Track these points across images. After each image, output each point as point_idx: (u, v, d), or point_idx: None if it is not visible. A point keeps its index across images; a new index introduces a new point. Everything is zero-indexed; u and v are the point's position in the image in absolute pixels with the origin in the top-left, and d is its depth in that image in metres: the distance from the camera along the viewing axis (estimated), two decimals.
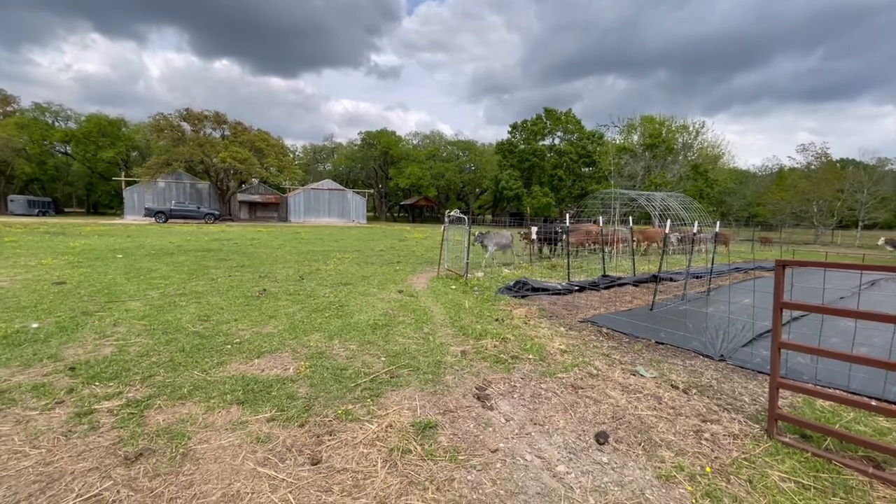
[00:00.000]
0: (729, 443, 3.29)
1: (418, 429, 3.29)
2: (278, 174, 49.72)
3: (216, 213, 39.74)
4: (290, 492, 2.55)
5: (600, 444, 3.20)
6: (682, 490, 2.71)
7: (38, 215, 46.01)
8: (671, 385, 4.35)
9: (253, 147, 44.39)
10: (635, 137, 53.52)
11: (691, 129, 51.25)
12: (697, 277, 12.10)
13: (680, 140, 51.54)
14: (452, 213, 10.78)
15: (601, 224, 11.44)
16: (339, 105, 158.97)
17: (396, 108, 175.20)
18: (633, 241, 16.09)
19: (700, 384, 4.41)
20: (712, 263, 9.89)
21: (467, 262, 9.75)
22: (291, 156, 65.34)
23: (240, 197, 51.77)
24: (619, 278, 10.63)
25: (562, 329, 6.30)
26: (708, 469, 2.92)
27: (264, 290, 8.21)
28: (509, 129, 60.26)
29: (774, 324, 3.38)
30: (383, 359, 4.71)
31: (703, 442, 3.29)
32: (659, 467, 2.93)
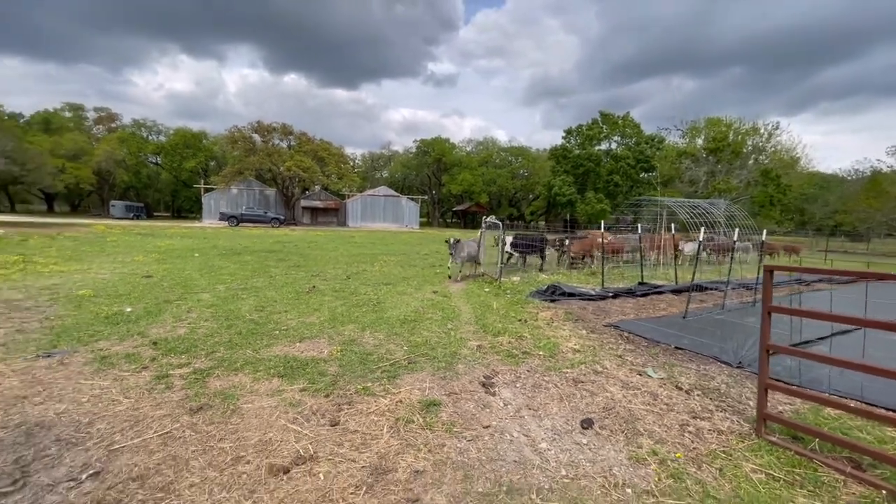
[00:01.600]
0: (713, 437, 3.48)
1: (424, 405, 3.79)
2: (338, 181, 52.59)
3: (281, 217, 42.79)
4: (310, 443, 3.15)
5: (584, 428, 3.52)
6: (648, 470, 2.99)
7: (132, 218, 51.84)
8: (675, 386, 4.52)
9: (316, 156, 47.35)
10: (699, 141, 50.84)
11: (763, 131, 47.89)
12: (749, 288, 11.59)
13: (749, 143, 48.30)
14: (489, 219, 11.21)
15: (639, 231, 11.33)
16: (397, 114, 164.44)
17: (452, 114, 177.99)
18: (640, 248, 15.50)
19: (706, 387, 4.54)
20: (759, 274, 9.51)
21: (500, 266, 10.14)
22: (351, 164, 68.76)
23: (303, 203, 55.18)
24: (658, 286, 10.50)
25: (583, 331, 6.53)
26: (678, 455, 3.16)
27: (314, 286, 9.12)
28: (564, 135, 59.38)
29: (763, 328, 3.52)
30: (405, 348, 5.27)
31: (686, 435, 3.50)
32: (634, 451, 3.22)
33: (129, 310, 6.75)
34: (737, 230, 8.72)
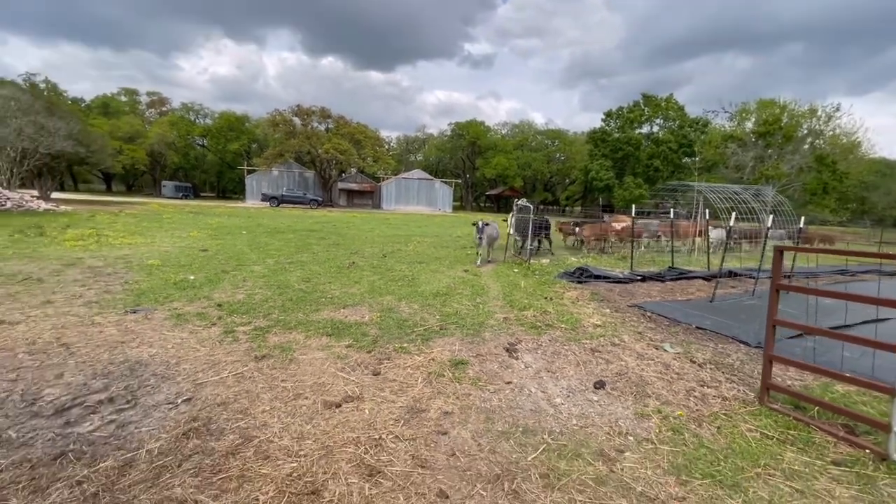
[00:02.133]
0: (717, 402, 3.80)
1: (453, 363, 4.29)
2: (374, 164, 53.55)
3: (319, 199, 44.23)
4: (357, 387, 3.70)
5: (596, 388, 3.92)
6: (651, 424, 3.37)
7: (181, 198, 54.83)
8: (690, 360, 4.81)
9: (352, 139, 48.33)
10: (749, 124, 48.22)
11: (821, 113, 44.87)
12: (786, 276, 11.38)
13: (805, 126, 45.41)
14: (520, 202, 11.48)
15: (671, 217, 11.29)
16: (432, 96, 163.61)
17: (488, 96, 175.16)
18: (658, 235, 15.18)
19: (720, 362, 4.80)
20: (794, 262, 9.39)
21: (530, 248, 10.45)
22: (386, 147, 69.56)
23: (340, 185, 56.59)
24: (689, 272, 10.53)
25: (606, 310, 6.83)
26: (681, 413, 3.52)
27: (353, 262, 9.78)
28: (603, 118, 57.71)
29: (770, 304, 3.77)
30: (437, 317, 5.78)
31: (692, 399, 3.84)
32: (640, 409, 3.60)
33: (192, 277, 7.59)
34: (770, 217, 8.62)
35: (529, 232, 10.75)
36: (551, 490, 2.54)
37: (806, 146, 41.55)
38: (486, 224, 10.58)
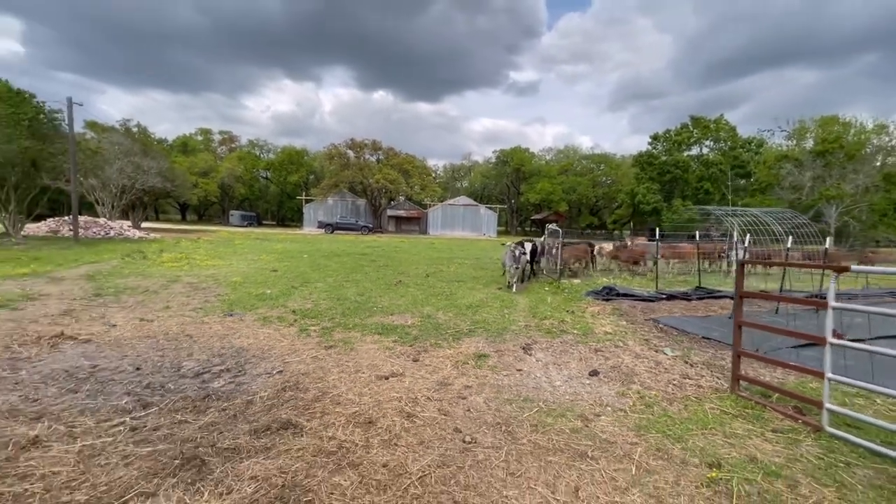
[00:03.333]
0: (692, 389, 4.59)
1: (476, 356, 5.35)
2: (421, 192, 56.11)
3: (370, 225, 46.90)
4: (400, 368, 4.86)
5: (590, 376, 4.83)
6: (628, 400, 4.25)
7: (246, 226, 59.87)
8: (684, 361, 5.56)
9: (401, 169, 51.14)
10: (810, 143, 46.12)
11: (893, 129, 42.30)
12: (822, 297, 11.41)
13: (875, 142, 42.85)
14: (551, 226, 12.41)
15: (697, 239, 11.74)
16: (478, 124, 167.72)
17: (534, 122, 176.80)
18: (659, 256, 15.18)
19: (712, 364, 5.51)
20: (821, 283, 9.61)
21: (560, 268, 11.31)
22: (433, 175, 72.40)
23: (388, 212, 59.47)
24: (717, 291, 10.91)
25: (622, 322, 7.61)
26: (655, 394, 4.36)
27: (400, 281, 11.10)
28: (649, 140, 57.22)
29: (736, 308, 4.57)
30: (468, 323, 6.87)
31: (671, 386, 4.65)
32: (623, 391, 4.48)
33: (268, 291, 9.18)
34: (790, 238, 8.99)
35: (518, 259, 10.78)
36: (536, 433, 3.53)
37: (877, 164, 39.13)
38: (519, 244, 11.36)
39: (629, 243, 17.82)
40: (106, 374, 4.45)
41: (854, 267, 3.71)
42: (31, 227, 24.71)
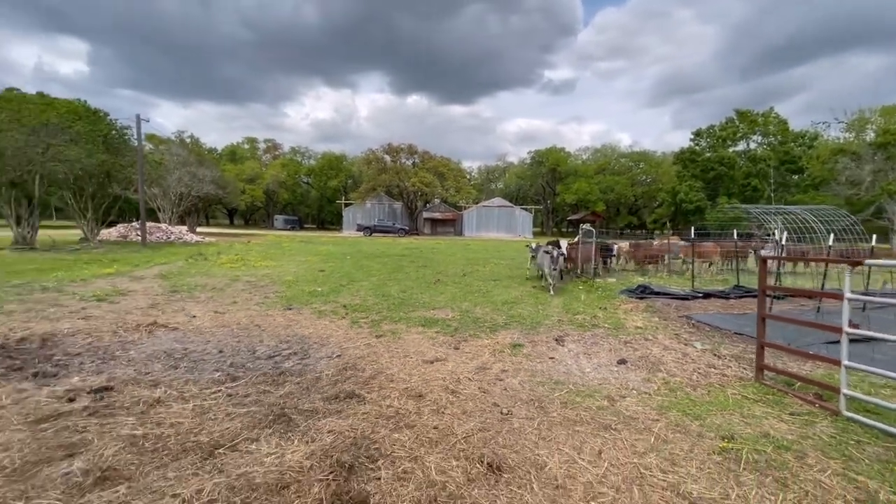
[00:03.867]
0: (716, 378, 4.89)
1: (512, 345, 5.84)
2: (456, 194, 56.77)
3: (406, 228, 48.01)
4: (443, 354, 5.43)
5: (619, 364, 5.21)
6: (654, 385, 4.62)
7: (289, 229, 62.60)
8: (713, 354, 5.82)
9: (436, 172, 52.02)
10: (870, 135, 43.26)
11: None
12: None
13: None
14: (585, 226, 12.65)
15: (735, 238, 11.63)
16: (512, 125, 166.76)
17: (570, 121, 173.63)
18: (680, 255, 14.91)
19: (741, 357, 5.74)
20: (867, 283, 9.40)
21: (594, 267, 11.55)
22: (467, 177, 73.06)
23: (424, 214, 60.50)
24: (755, 290, 10.81)
25: (655, 318, 7.85)
26: (680, 380, 4.70)
27: (438, 279, 11.71)
28: (692, 137, 55.39)
29: (759, 303, 4.84)
30: (504, 317, 7.36)
31: (696, 374, 4.96)
32: (648, 377, 4.84)
33: (319, 289, 10.02)
34: (831, 236, 8.85)
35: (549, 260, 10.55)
36: (566, 408, 3.99)
37: None
38: (539, 247, 11.82)
39: (655, 242, 17.62)
40: (196, 354, 5.27)
41: (868, 261, 3.94)
42: (104, 233, 27.20)
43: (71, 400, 3.79)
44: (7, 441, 3.05)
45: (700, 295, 10.32)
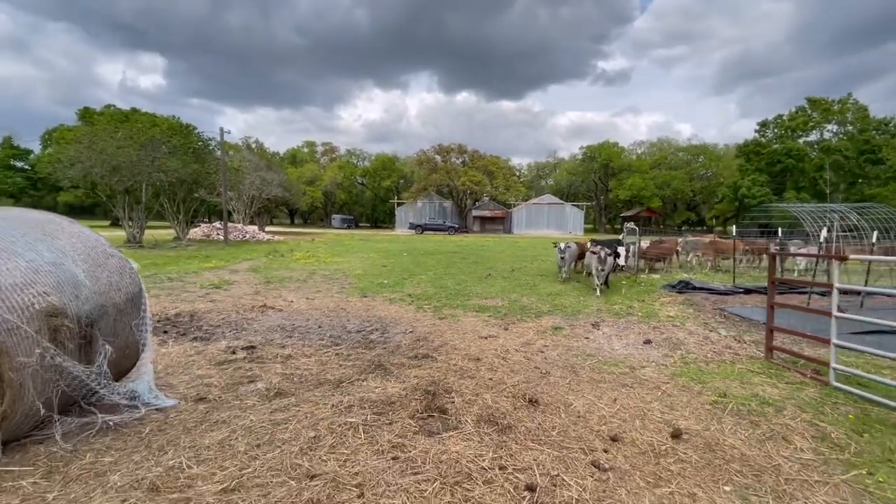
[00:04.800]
0: (730, 356, 5.72)
1: (553, 328, 6.93)
2: (505, 192, 57.50)
3: (456, 226, 49.44)
4: (494, 333, 6.63)
5: (644, 343, 6.16)
6: (671, 360, 5.55)
7: (346, 228, 66.03)
8: (735, 339, 6.58)
9: (486, 170, 53.05)
10: None
11: None
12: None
13: None
14: (629, 224, 13.29)
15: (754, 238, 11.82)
16: (564, 118, 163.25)
17: (626, 112, 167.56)
18: (700, 253, 14.61)
19: (760, 342, 6.45)
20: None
21: (637, 263, 12.22)
22: (517, 175, 73.34)
23: (473, 212, 61.69)
24: (801, 286, 11.04)
25: (689, 310, 8.58)
26: (695, 357, 5.60)
27: (489, 274, 12.90)
28: (757, 128, 52.55)
29: (770, 291, 5.61)
30: (548, 306, 8.43)
31: (712, 353, 5.82)
32: (668, 354, 5.77)
33: (386, 281, 11.53)
34: (875, 234, 9.04)
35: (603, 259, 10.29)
36: (593, 372, 5.06)
37: None
38: (568, 246, 12.02)
39: (689, 238, 17.49)
40: (302, 328, 6.82)
41: (853, 256, 4.68)
42: (191, 233, 30.79)
43: (233, 352, 5.39)
44: (206, 374, 4.63)
45: (741, 290, 10.74)
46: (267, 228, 43.73)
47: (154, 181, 21.09)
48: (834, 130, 46.70)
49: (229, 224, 33.29)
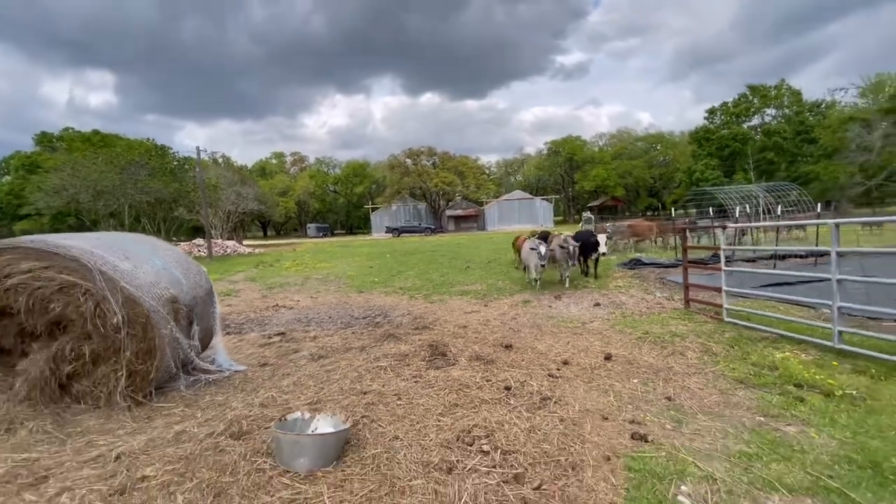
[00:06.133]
0: (658, 309, 7.41)
1: (524, 302, 8.50)
2: (477, 190, 59.37)
3: (432, 226, 50.88)
4: (477, 309, 8.13)
5: (594, 306, 7.79)
6: (614, 315, 7.18)
7: (322, 236, 66.36)
8: (667, 298, 8.30)
9: (456, 171, 54.71)
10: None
11: None
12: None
13: None
14: (586, 213, 15.05)
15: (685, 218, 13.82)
16: (528, 114, 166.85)
17: (587, 105, 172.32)
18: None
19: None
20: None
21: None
22: (486, 173, 75.37)
23: (448, 212, 63.27)
24: (731, 257, 13.02)
25: (636, 281, 10.31)
26: (632, 311, 7.26)
27: (468, 266, 14.44)
28: (705, 115, 56.18)
29: (683, 257, 7.32)
30: (520, 287, 10.02)
31: (645, 308, 7.50)
32: (612, 312, 7.40)
33: (376, 279, 12.89)
34: (779, 207, 11.03)
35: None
36: (554, 327, 6.62)
37: None
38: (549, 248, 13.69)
39: (616, 223, 19.50)
40: (316, 319, 8.15)
41: (730, 225, 6.39)
42: None
43: (269, 337, 6.70)
44: (257, 351, 5.96)
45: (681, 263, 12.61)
46: (245, 242, 44.08)
47: (138, 202, 21.69)
48: (773, 114, 50.57)
49: (211, 240, 33.75)
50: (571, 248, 9.93)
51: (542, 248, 9.25)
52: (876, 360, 4.42)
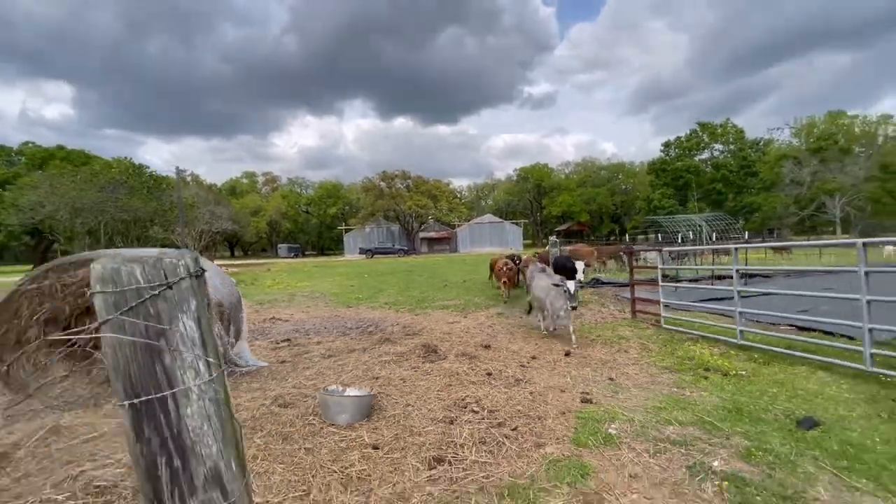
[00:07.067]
0: (611, 319, 8.79)
1: (498, 314, 9.72)
2: (449, 213, 61.09)
3: (405, 248, 51.90)
4: (456, 321, 9.29)
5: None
6: (574, 325, 8.50)
7: (293, 257, 65.99)
8: (618, 311, 9.71)
9: (430, 194, 56.32)
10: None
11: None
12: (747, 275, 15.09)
13: (881, 134, 44.83)
14: (552, 237, 16.61)
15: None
16: (498, 140, 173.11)
17: (554, 133, 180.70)
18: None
19: (636, 311, 9.63)
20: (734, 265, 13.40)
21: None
22: (458, 197, 77.51)
23: (421, 234, 64.53)
24: (678, 277, 14.80)
25: (595, 297, 11.75)
26: (589, 321, 8.60)
27: (445, 284, 15.61)
28: (661, 148, 60.51)
29: (630, 276, 8.78)
30: (494, 302, 11.27)
31: (600, 319, 8.86)
32: (573, 322, 8.72)
33: (360, 296, 13.85)
34: (714, 235, 12.87)
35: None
36: (524, 334, 7.84)
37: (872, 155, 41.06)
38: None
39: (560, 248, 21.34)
40: (313, 329, 9.07)
41: (663, 250, 7.89)
42: None
43: (277, 343, 7.61)
44: (272, 353, 6.87)
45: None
46: (216, 262, 43.63)
47: (114, 221, 21.82)
48: (720, 149, 55.24)
49: None
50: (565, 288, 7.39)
51: (571, 285, 7.14)
52: (765, 351, 5.86)
